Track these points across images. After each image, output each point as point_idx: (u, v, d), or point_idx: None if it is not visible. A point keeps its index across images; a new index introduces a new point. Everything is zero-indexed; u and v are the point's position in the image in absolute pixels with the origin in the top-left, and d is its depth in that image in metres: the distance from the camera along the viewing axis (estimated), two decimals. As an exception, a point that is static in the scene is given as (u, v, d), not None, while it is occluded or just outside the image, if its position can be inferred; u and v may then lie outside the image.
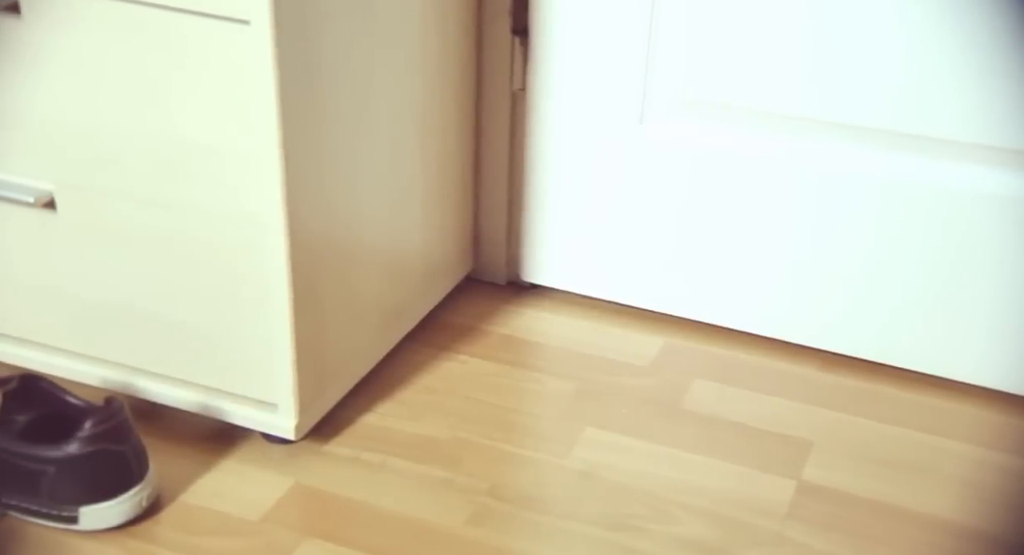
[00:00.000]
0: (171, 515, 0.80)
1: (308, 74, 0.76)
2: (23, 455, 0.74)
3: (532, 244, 1.13)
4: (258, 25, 0.70)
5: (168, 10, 0.73)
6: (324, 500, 0.83)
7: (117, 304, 0.86)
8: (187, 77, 0.75)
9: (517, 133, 1.08)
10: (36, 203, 0.82)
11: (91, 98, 0.78)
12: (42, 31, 0.77)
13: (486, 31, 1.03)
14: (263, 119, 0.74)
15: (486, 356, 1.02)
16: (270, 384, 0.84)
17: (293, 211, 0.78)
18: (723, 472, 0.88)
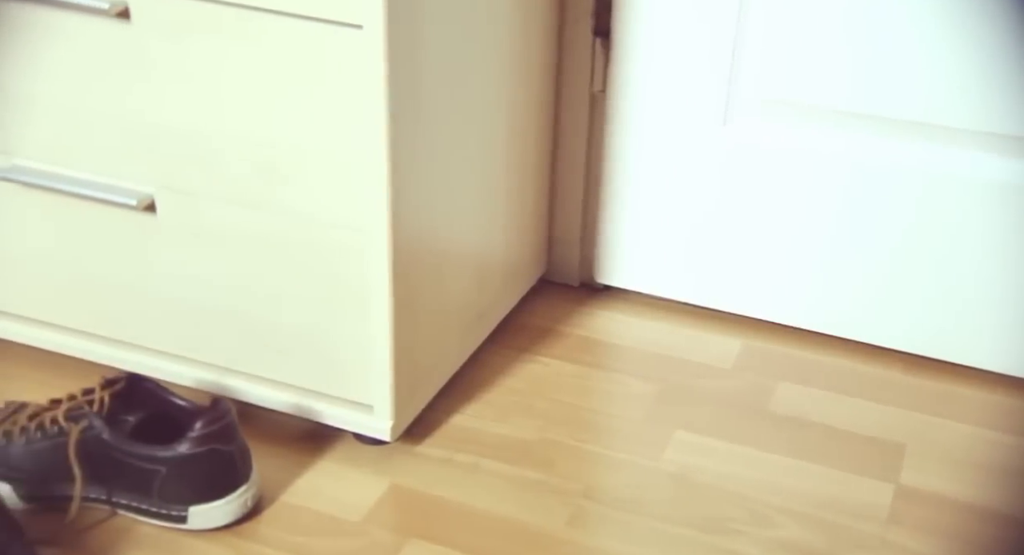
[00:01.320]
0: (274, 515, 0.81)
1: (413, 78, 0.77)
2: (137, 455, 0.75)
3: (607, 246, 1.13)
4: (371, 29, 0.71)
5: (279, 15, 0.73)
6: (422, 501, 0.83)
7: (213, 306, 0.86)
8: (295, 81, 0.75)
9: (595, 135, 1.08)
10: (138, 206, 0.83)
11: (196, 102, 0.79)
12: (151, 37, 0.78)
13: (567, 33, 1.03)
14: (372, 123, 0.74)
15: (566, 358, 1.03)
16: (367, 386, 0.85)
17: (396, 214, 0.78)
18: (817, 475, 0.87)
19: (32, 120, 0.84)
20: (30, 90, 0.83)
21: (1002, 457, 0.90)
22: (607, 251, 1.13)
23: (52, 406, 0.78)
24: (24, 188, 0.87)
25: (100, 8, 0.75)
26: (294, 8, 0.72)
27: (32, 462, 0.76)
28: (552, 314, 1.10)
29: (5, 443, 0.77)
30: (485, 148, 0.91)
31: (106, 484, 0.77)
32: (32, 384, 0.92)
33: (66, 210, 0.87)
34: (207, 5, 0.75)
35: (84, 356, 0.91)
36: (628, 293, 1.14)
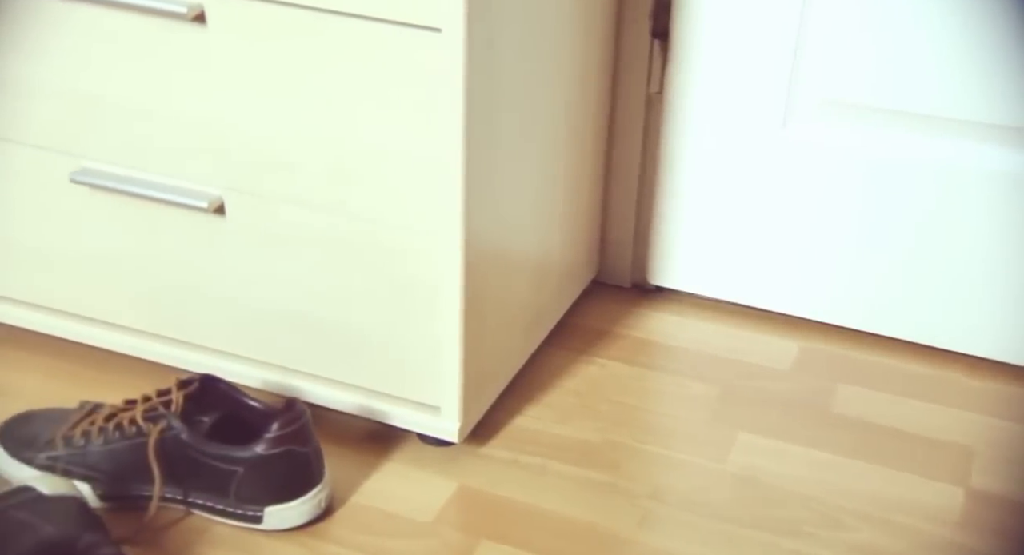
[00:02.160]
0: (345, 516, 0.81)
1: (487, 80, 0.77)
2: (214, 455, 0.76)
3: (661, 247, 1.13)
4: (450, 32, 0.71)
5: (356, 18, 0.73)
6: (491, 502, 0.83)
7: (281, 308, 0.87)
8: (371, 84, 0.76)
9: (650, 136, 1.08)
10: (208, 208, 0.84)
11: (270, 104, 0.79)
12: (226, 40, 0.78)
13: (624, 34, 1.03)
14: (448, 125, 0.75)
15: (624, 359, 1.03)
16: (435, 387, 0.85)
17: (469, 216, 0.78)
18: (885, 478, 0.87)
19: (101, 123, 0.85)
20: (100, 93, 0.83)
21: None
22: (660, 252, 1.13)
23: (128, 407, 0.79)
24: (92, 190, 0.87)
25: (178, 12, 0.76)
26: (372, 11, 0.73)
27: (110, 462, 0.77)
28: (606, 315, 1.10)
29: (84, 443, 0.77)
30: (546, 149, 0.91)
31: (182, 484, 0.77)
32: (101, 385, 0.93)
33: (135, 212, 0.87)
34: (284, 9, 0.75)
35: (151, 358, 0.92)
36: (680, 294, 1.14)
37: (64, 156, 0.87)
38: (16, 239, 0.92)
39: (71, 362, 0.95)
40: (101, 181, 0.85)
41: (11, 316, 0.95)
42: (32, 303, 0.95)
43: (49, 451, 0.78)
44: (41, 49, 0.83)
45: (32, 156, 0.88)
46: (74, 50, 0.82)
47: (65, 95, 0.84)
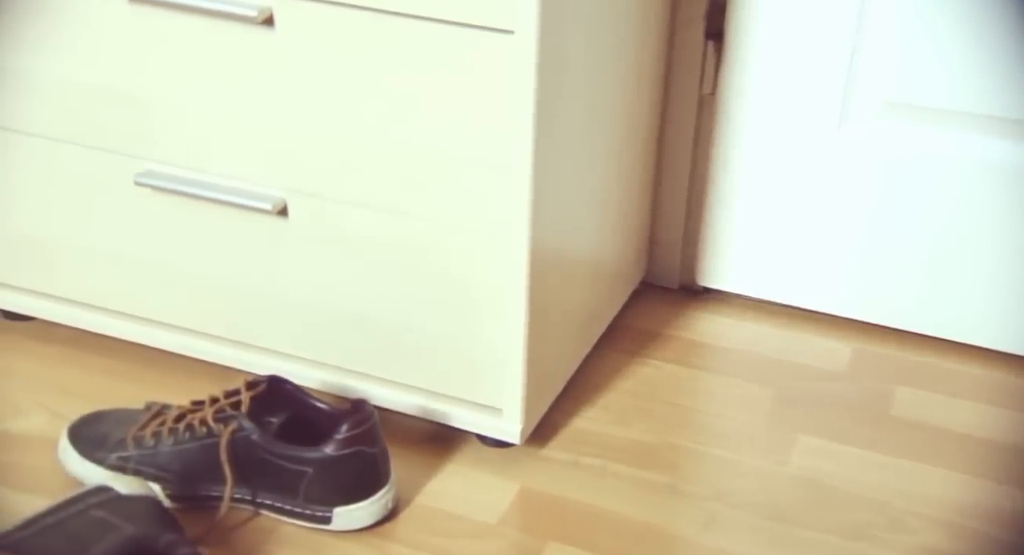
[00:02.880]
0: (411, 517, 0.81)
1: (556, 83, 0.77)
2: (285, 456, 0.76)
3: (710, 248, 1.12)
4: (523, 35, 0.71)
5: (426, 21, 0.74)
6: (554, 504, 0.83)
7: (342, 310, 0.87)
8: (439, 86, 0.76)
9: (701, 137, 1.07)
10: (272, 210, 0.84)
11: (336, 107, 0.79)
12: (293, 43, 0.78)
13: (678, 35, 1.03)
14: (518, 128, 0.75)
15: (677, 361, 1.02)
16: (498, 389, 0.85)
17: (535, 219, 0.79)
18: (950, 481, 0.87)
19: (166, 125, 0.85)
20: (164, 95, 0.84)
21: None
22: (710, 254, 1.13)
23: (196, 408, 0.79)
24: (156, 192, 0.88)
25: (248, 16, 0.76)
26: (444, 14, 0.73)
27: (180, 463, 0.77)
28: (656, 317, 1.10)
29: (154, 444, 0.78)
30: (603, 150, 0.91)
31: (251, 484, 0.78)
32: (161, 386, 0.94)
33: (198, 214, 0.88)
34: (353, 12, 0.75)
35: (210, 359, 0.92)
36: (728, 295, 1.13)
37: (128, 159, 0.88)
38: (80, 242, 0.93)
39: (131, 363, 0.96)
40: (165, 183, 0.86)
41: (74, 318, 0.96)
42: (95, 305, 0.95)
43: (120, 451, 0.79)
44: (106, 52, 0.84)
45: (96, 159, 0.89)
46: (139, 53, 0.83)
47: (129, 98, 0.85)
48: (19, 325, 1.00)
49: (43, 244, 0.95)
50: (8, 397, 0.91)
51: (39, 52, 0.86)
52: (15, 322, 1.00)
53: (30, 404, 0.90)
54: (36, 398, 0.91)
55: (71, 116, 0.88)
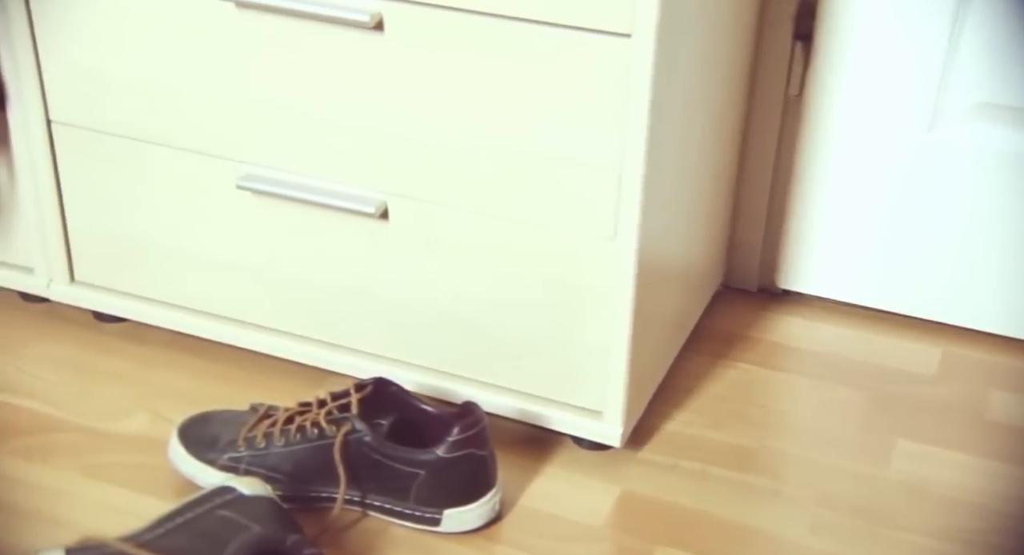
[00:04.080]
0: (516, 519, 0.82)
1: (667, 86, 0.77)
2: (397, 458, 0.77)
3: (792, 251, 1.11)
4: (640, 38, 0.71)
5: (541, 25, 0.74)
6: (659, 508, 0.83)
7: (441, 312, 0.88)
8: (549, 90, 0.76)
9: (785, 138, 1.07)
10: (375, 213, 0.85)
11: (442, 111, 0.80)
12: (402, 47, 0.79)
13: (765, 36, 1.02)
14: (633, 131, 0.75)
15: (764, 364, 1.02)
16: (599, 392, 0.85)
17: (644, 222, 0.79)
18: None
19: (268, 128, 0.86)
20: (269, 99, 0.84)
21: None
22: (791, 256, 1.12)
23: (304, 409, 0.80)
24: (257, 196, 0.89)
25: (360, 21, 0.77)
26: (559, 18, 0.73)
27: (291, 464, 0.78)
28: (738, 319, 1.09)
29: (265, 445, 0.79)
30: (698, 152, 0.91)
31: (361, 486, 0.78)
32: (257, 388, 0.94)
33: (297, 217, 0.88)
34: (465, 16, 0.76)
35: (304, 361, 0.93)
36: (808, 298, 1.13)
37: (229, 162, 0.89)
38: (176, 244, 0.94)
39: (224, 364, 0.97)
40: (266, 186, 0.87)
41: (167, 320, 0.97)
42: (188, 307, 0.96)
43: (231, 452, 0.79)
44: (212, 56, 0.85)
45: (199, 162, 0.90)
46: (245, 57, 0.84)
47: (233, 101, 0.86)
48: (110, 327, 1.02)
49: (138, 246, 0.96)
50: (111, 398, 0.92)
51: (144, 56, 0.87)
52: (106, 323, 1.02)
53: (132, 405, 0.91)
54: (137, 399, 0.92)
55: (172, 119, 0.89)
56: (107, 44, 0.87)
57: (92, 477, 0.82)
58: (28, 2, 0.88)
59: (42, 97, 0.91)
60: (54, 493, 0.81)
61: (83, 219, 0.96)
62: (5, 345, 0.98)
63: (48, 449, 0.85)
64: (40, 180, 0.95)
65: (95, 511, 0.80)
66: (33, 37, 0.89)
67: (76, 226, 0.97)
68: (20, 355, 0.97)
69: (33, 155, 0.94)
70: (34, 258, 0.99)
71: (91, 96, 0.90)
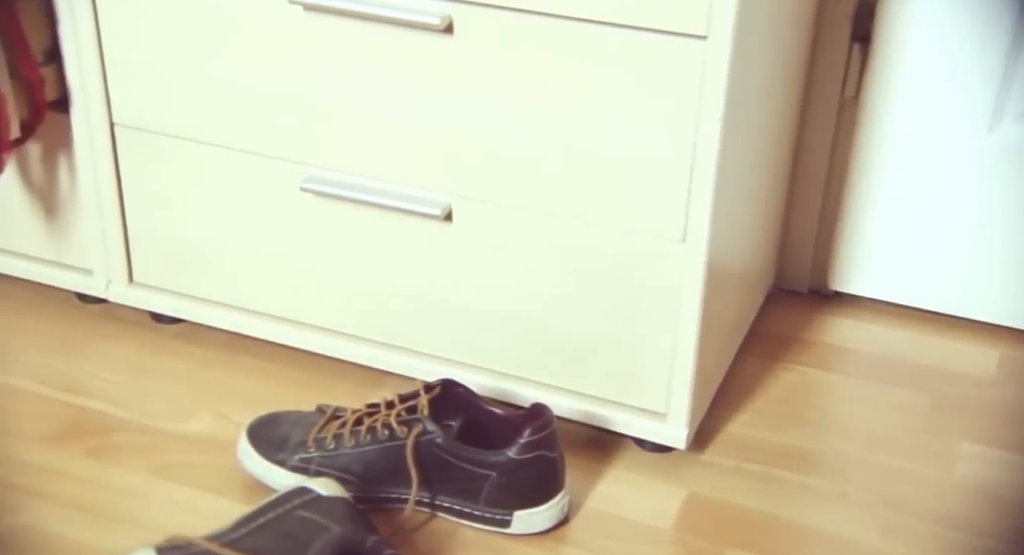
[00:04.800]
0: (584, 521, 0.81)
1: (740, 88, 0.77)
2: (469, 459, 0.77)
3: (845, 252, 1.11)
4: (716, 40, 0.71)
5: (616, 27, 0.74)
6: (726, 510, 0.83)
7: (504, 314, 0.88)
8: (620, 91, 0.76)
9: (840, 139, 1.06)
10: (441, 215, 0.85)
11: (511, 112, 0.80)
12: (471, 49, 0.79)
13: (822, 37, 1.02)
14: (706, 133, 0.75)
15: (820, 366, 1.02)
16: (663, 394, 0.85)
17: (715, 223, 0.79)
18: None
19: (333, 131, 0.86)
20: (334, 101, 0.85)
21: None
22: (844, 257, 1.11)
23: (373, 410, 0.80)
24: (321, 198, 0.89)
25: (431, 24, 0.77)
26: (633, 20, 0.73)
27: (361, 465, 0.78)
28: (790, 321, 1.09)
29: (334, 446, 0.79)
30: (759, 153, 0.91)
31: (431, 487, 0.79)
32: (317, 389, 0.94)
33: (361, 219, 0.89)
34: (536, 18, 0.76)
35: (363, 362, 0.93)
36: (860, 300, 1.12)
37: (292, 164, 0.89)
38: (241, 246, 0.94)
39: (283, 365, 0.97)
40: (330, 189, 0.87)
41: (226, 321, 0.97)
42: (247, 308, 0.97)
43: (301, 453, 0.80)
44: (277, 58, 0.85)
45: (263, 165, 0.90)
46: (310, 59, 0.84)
47: (298, 104, 0.86)
48: (167, 327, 1.02)
49: (198, 247, 0.96)
50: (173, 399, 0.93)
51: (210, 59, 0.87)
52: (163, 324, 1.02)
53: (195, 406, 0.92)
54: (199, 400, 0.93)
55: (236, 122, 0.89)
56: (173, 47, 0.88)
57: (162, 477, 0.83)
58: (96, 6, 0.89)
59: (106, 100, 0.92)
60: (126, 493, 0.82)
61: (143, 221, 0.97)
62: (65, 346, 0.99)
63: (117, 449, 0.86)
64: (101, 182, 0.96)
65: (167, 511, 0.80)
66: (99, 41, 0.90)
67: (136, 228, 0.98)
68: (81, 356, 0.97)
69: (95, 157, 0.95)
70: (93, 259, 1.00)
71: (155, 99, 0.91)
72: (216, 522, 0.79)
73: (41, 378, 0.94)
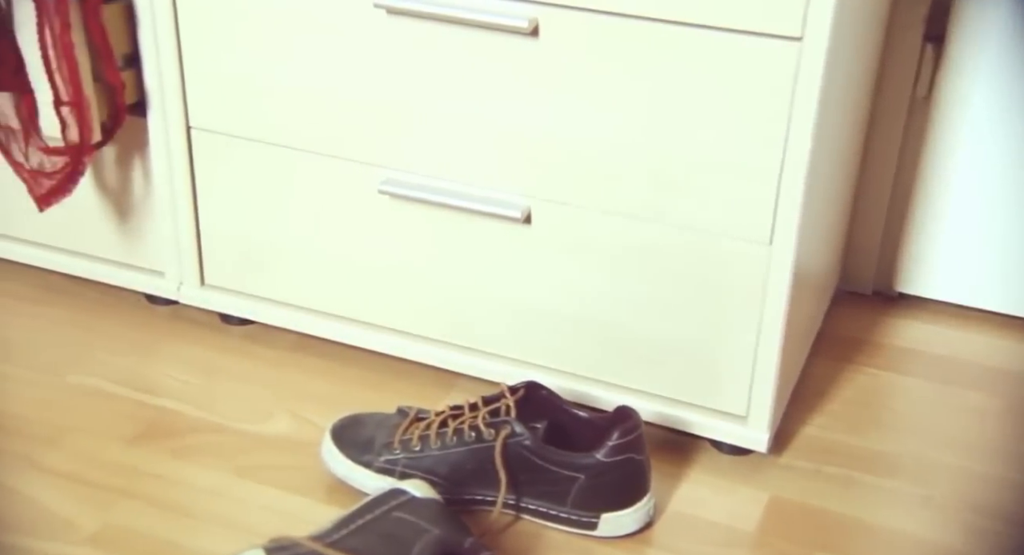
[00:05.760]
0: (669, 524, 0.81)
1: (831, 89, 0.76)
2: (558, 462, 0.77)
3: (912, 254, 1.10)
4: (812, 42, 0.71)
5: (704, 28, 0.74)
6: (810, 514, 0.83)
7: (582, 316, 0.88)
8: (708, 94, 0.76)
9: (909, 140, 1.06)
10: (521, 218, 0.85)
11: (595, 115, 0.80)
12: (558, 52, 0.79)
13: (894, 38, 1.01)
14: (797, 135, 0.74)
15: (892, 369, 1.01)
16: (744, 396, 0.85)
17: (803, 226, 0.78)
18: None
19: (412, 134, 0.87)
20: (415, 104, 0.85)
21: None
22: (911, 259, 1.11)
23: (456, 412, 0.80)
24: (394, 200, 0.89)
25: (519, 27, 0.77)
26: (724, 22, 0.73)
27: (448, 467, 0.78)
28: (857, 323, 1.08)
29: (420, 448, 0.79)
30: (837, 154, 0.91)
31: (517, 489, 0.79)
32: (390, 390, 0.95)
33: (438, 221, 0.89)
34: (626, 21, 0.76)
35: (435, 363, 0.93)
36: (926, 301, 1.12)
37: (372, 167, 0.89)
38: (315, 247, 0.95)
39: (354, 366, 0.97)
40: (409, 191, 0.87)
41: (302, 323, 0.97)
42: (319, 310, 0.97)
43: (387, 455, 0.80)
44: (359, 63, 0.85)
45: (341, 167, 0.91)
46: (392, 63, 0.84)
47: (378, 107, 0.86)
48: (236, 329, 1.03)
49: (270, 249, 0.97)
50: (249, 400, 0.93)
51: (290, 62, 0.88)
52: (232, 326, 1.03)
53: (271, 407, 0.92)
54: (275, 401, 0.93)
55: (315, 125, 0.89)
56: (254, 52, 0.89)
57: (244, 477, 0.84)
58: (176, 11, 0.90)
59: (183, 103, 0.93)
60: (210, 493, 0.82)
61: (216, 223, 0.97)
62: (138, 347, 1.00)
63: (199, 450, 0.87)
64: (176, 185, 0.96)
65: (252, 511, 0.81)
66: (179, 45, 0.91)
67: (209, 230, 0.98)
68: (154, 357, 0.98)
69: (171, 160, 0.96)
70: (165, 262, 1.01)
71: (233, 102, 0.91)
72: (301, 522, 0.80)
73: (117, 378, 0.95)
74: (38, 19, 0.85)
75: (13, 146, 0.94)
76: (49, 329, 1.01)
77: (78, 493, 0.81)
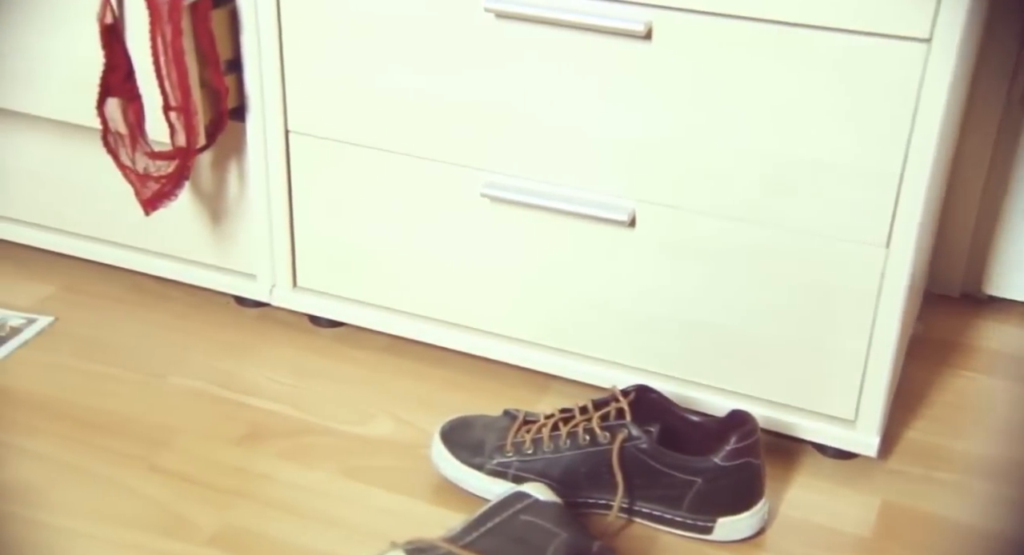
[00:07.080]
0: (783, 529, 0.81)
1: (954, 91, 0.75)
2: (675, 465, 0.77)
3: (1003, 256, 1.09)
4: (941, 43, 0.70)
5: (826, 30, 0.73)
6: (926, 520, 0.82)
7: (684, 319, 0.87)
8: (828, 96, 0.75)
9: (1002, 142, 1.04)
10: (627, 221, 0.84)
11: (707, 118, 0.79)
12: (670, 55, 0.79)
13: (990, 40, 1.00)
14: (922, 137, 0.74)
15: (989, 372, 0.99)
16: (852, 400, 0.83)
17: (921, 228, 0.77)
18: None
19: (516, 137, 0.86)
20: (521, 108, 0.85)
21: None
22: (1001, 262, 1.09)
23: (567, 415, 0.80)
24: (500, 204, 0.89)
25: (634, 30, 0.77)
26: (848, 24, 0.72)
27: (561, 470, 0.78)
28: (948, 326, 1.07)
29: (533, 451, 0.79)
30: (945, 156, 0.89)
31: (632, 493, 0.78)
32: (486, 393, 0.94)
33: (539, 225, 0.89)
34: (743, 23, 0.75)
35: (536, 367, 0.93)
36: (1014, 304, 1.10)
37: (475, 170, 0.89)
38: (413, 250, 0.95)
39: (448, 369, 0.97)
40: (512, 195, 0.87)
41: (394, 325, 0.97)
42: (413, 312, 0.97)
43: (499, 457, 0.80)
44: (465, 66, 0.85)
45: (442, 171, 0.91)
46: (499, 66, 0.84)
47: (483, 110, 0.87)
48: (325, 331, 1.03)
49: (365, 252, 0.97)
50: (349, 402, 0.94)
51: (394, 67, 0.88)
52: (322, 328, 1.04)
53: (371, 409, 0.93)
54: (374, 403, 0.93)
55: (418, 129, 0.90)
56: (358, 57, 0.89)
57: (353, 479, 0.84)
58: (280, 17, 0.90)
59: (283, 108, 0.93)
60: (321, 495, 0.83)
61: (311, 226, 0.98)
62: (231, 349, 1.00)
63: (307, 451, 0.87)
64: (273, 188, 0.97)
65: (364, 512, 0.81)
66: (280, 50, 0.91)
67: (303, 233, 0.99)
68: (248, 359, 0.99)
69: (268, 164, 0.96)
70: (258, 264, 1.02)
71: (333, 107, 0.92)
72: (413, 524, 0.80)
73: (216, 380, 0.96)
74: (151, 26, 0.86)
75: (121, 150, 0.95)
76: (145, 331, 1.02)
77: (194, 494, 0.82)
